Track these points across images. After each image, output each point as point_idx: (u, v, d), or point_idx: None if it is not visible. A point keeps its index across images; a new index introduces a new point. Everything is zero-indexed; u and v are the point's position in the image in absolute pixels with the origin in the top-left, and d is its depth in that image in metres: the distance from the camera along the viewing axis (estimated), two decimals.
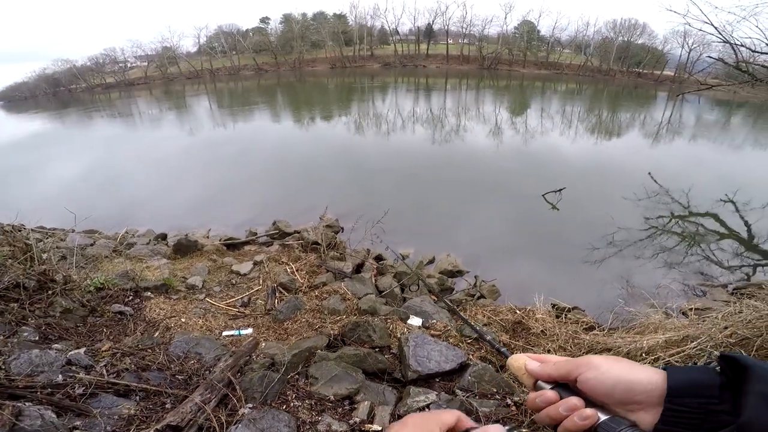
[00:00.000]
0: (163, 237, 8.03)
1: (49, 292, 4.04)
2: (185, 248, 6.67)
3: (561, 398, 0.57)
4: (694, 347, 2.74)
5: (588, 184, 11.07)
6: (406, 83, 44.23)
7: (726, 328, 2.80)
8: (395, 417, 2.65)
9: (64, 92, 53.70)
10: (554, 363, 0.61)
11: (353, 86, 42.47)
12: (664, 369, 0.52)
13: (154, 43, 60.76)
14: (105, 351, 3.31)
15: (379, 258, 7.05)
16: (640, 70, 54.34)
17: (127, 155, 16.06)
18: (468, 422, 0.58)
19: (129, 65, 62.55)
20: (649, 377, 0.51)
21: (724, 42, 8.83)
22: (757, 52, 8.43)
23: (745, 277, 6.86)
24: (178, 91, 45.99)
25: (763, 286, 5.05)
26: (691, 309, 4.57)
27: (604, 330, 4.09)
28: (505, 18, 62.32)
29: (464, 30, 61.82)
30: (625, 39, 53.87)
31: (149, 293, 4.80)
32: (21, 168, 14.52)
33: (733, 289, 6.14)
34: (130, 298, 4.59)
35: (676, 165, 13.44)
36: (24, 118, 34.34)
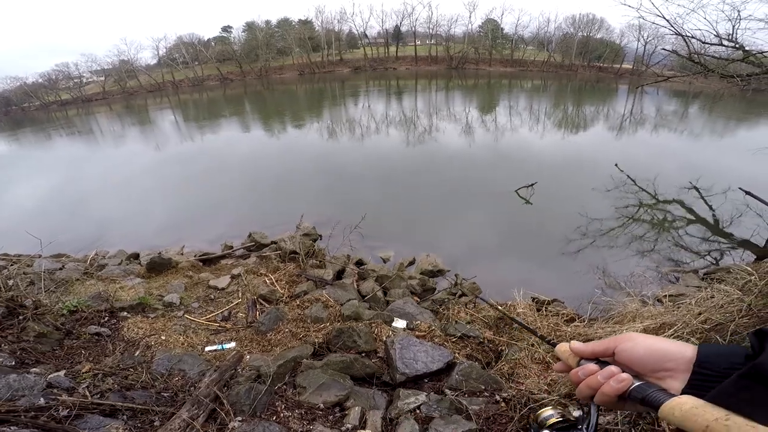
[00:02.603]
0: (136, 256, 7.77)
1: (20, 317, 3.92)
2: (159, 266, 6.50)
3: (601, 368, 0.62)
4: (671, 335, 2.83)
5: (558, 177, 11.42)
6: (377, 86, 44.43)
7: (700, 314, 2.91)
8: (386, 421, 2.65)
9: (16, 111, 51.23)
10: (596, 341, 0.66)
11: (324, 92, 42.32)
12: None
13: (110, 57, 58.60)
14: (86, 372, 3.24)
15: (359, 263, 7.04)
16: (601, 65, 56.68)
17: (91, 175, 15.36)
18: None
19: (85, 80, 60.16)
20: (679, 348, 0.56)
21: (676, 34, 9.24)
22: (707, 43, 8.89)
23: (714, 262, 7.18)
24: (140, 106, 44.52)
25: (731, 271, 5.27)
26: (665, 296, 4.73)
27: (584, 321, 4.20)
28: (470, 17, 63.99)
29: (431, 31, 62.97)
30: (585, 34, 56.11)
31: (125, 313, 4.69)
32: None
33: (704, 274, 6.35)
34: (106, 318, 4.48)
35: (641, 155, 14.01)
36: None
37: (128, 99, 52.91)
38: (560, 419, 0.76)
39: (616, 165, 11.85)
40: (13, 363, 3.31)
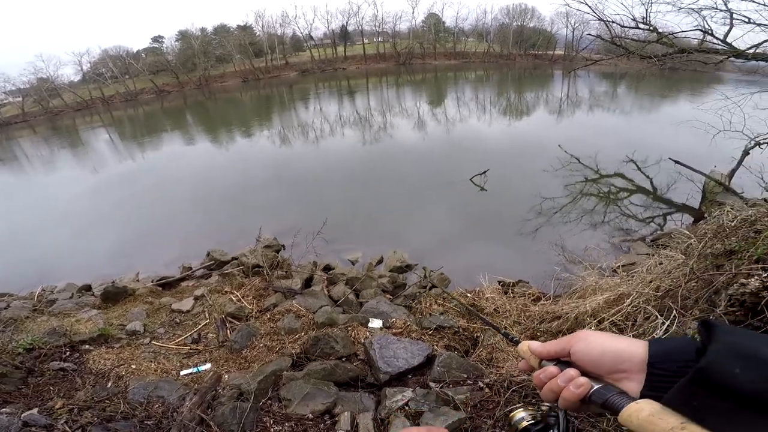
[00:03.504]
0: (88, 288, 7.29)
1: None
2: (114, 295, 6.16)
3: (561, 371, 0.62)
4: (629, 305, 3.02)
5: (509, 163, 11.95)
6: (327, 88, 43.99)
7: (651, 281, 3.13)
8: (378, 421, 2.67)
9: None
10: (552, 341, 0.65)
11: (271, 98, 41.30)
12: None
13: (26, 75, 53.04)
14: (60, 408, 3.11)
15: (327, 268, 6.99)
16: (536, 52, 59.73)
17: (22, 207, 13.96)
18: None
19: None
20: (632, 348, 0.55)
21: (598, 19, 9.89)
22: (626, 26, 9.56)
23: (659, 228, 7.83)
24: (68, 126, 40.96)
25: (672, 236, 5.68)
26: (620, 266, 5.02)
27: (549, 299, 4.42)
28: (413, 12, 64.71)
29: (377, 28, 63.15)
30: (519, 23, 58.72)
31: (87, 346, 4.46)
32: None
33: (651, 241, 6.83)
34: (68, 353, 4.24)
35: (581, 135, 14.99)
36: None
37: (53, 120, 48.48)
38: (532, 422, 0.76)
39: (559, 146, 12.56)
40: None
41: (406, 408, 2.76)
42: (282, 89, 46.85)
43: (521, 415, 0.78)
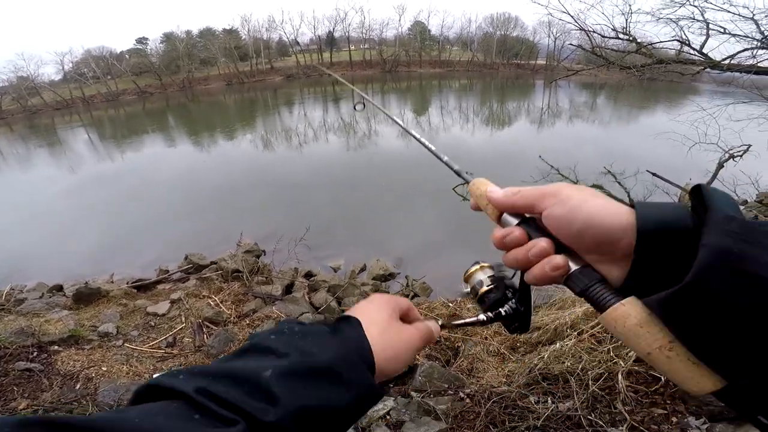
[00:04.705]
0: (59, 288, 7.10)
1: None
2: (87, 297, 6.00)
3: (529, 238, 0.50)
4: None
5: (491, 172, 11.57)
6: (312, 93, 43.92)
7: None
8: (358, 430, 2.61)
9: None
10: (519, 191, 0.52)
11: (255, 102, 40.98)
12: (633, 207, 0.44)
13: (5, 74, 51.88)
14: (23, 409, 3.09)
15: (309, 275, 6.89)
16: (519, 62, 60.78)
17: None
18: (415, 312, 0.62)
19: None
20: (620, 225, 0.42)
21: (580, 29, 10.05)
22: (606, 36, 9.75)
23: None
24: (46, 125, 39.98)
25: None
26: None
27: None
28: (400, 20, 64.71)
29: (364, 35, 63.33)
30: (503, 33, 59.73)
31: (56, 347, 4.33)
32: None
33: None
34: (35, 354, 4.13)
35: (561, 145, 15.24)
36: None
37: (31, 118, 47.13)
38: (491, 285, 0.64)
39: (540, 156, 12.64)
40: None
41: (388, 417, 2.71)
42: (266, 93, 46.62)
43: (479, 278, 0.65)
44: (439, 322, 0.64)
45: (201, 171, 15.41)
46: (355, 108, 1.65)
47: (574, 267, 0.46)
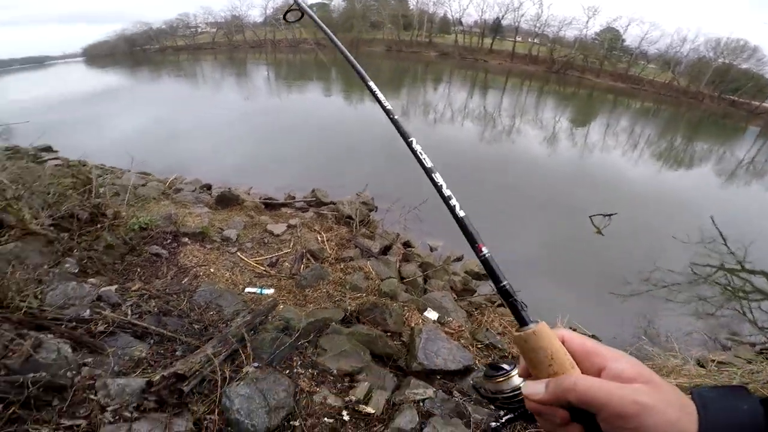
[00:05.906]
0: (208, 187, 8.53)
1: (98, 225, 4.32)
2: (227, 200, 6.97)
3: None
4: None
5: (639, 213, 10.06)
6: (462, 76, 42.96)
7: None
8: (390, 404, 2.64)
9: (138, 52, 56.76)
10: (575, 383, 0.45)
11: (406, 72, 41.84)
12: (694, 399, 0.40)
13: (225, 11, 62.71)
14: (134, 291, 3.48)
15: (407, 244, 6.97)
16: (735, 98, 46.92)
17: (185, 112, 17.16)
18: None
19: (199, 30, 65.22)
20: (685, 425, 0.39)
21: None
22: None
23: None
24: (240, 59, 47.68)
25: None
26: (712, 361, 4.20)
27: None
28: (587, 22, 57.06)
29: (537, 29, 58.48)
30: (727, 61, 47.16)
31: (186, 239, 4.98)
32: (93, 115, 16.09)
33: (761, 349, 5.59)
34: (169, 241, 4.79)
35: (745, 212, 11.92)
36: (101, 72, 37.41)
37: (232, 51, 56.75)
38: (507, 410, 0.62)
39: (711, 218, 10.15)
40: (77, 271, 3.66)
41: (421, 404, 2.68)
42: (417, 66, 46.98)
43: (502, 387, 0.62)
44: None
45: (345, 121, 17.13)
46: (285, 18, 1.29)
47: None
